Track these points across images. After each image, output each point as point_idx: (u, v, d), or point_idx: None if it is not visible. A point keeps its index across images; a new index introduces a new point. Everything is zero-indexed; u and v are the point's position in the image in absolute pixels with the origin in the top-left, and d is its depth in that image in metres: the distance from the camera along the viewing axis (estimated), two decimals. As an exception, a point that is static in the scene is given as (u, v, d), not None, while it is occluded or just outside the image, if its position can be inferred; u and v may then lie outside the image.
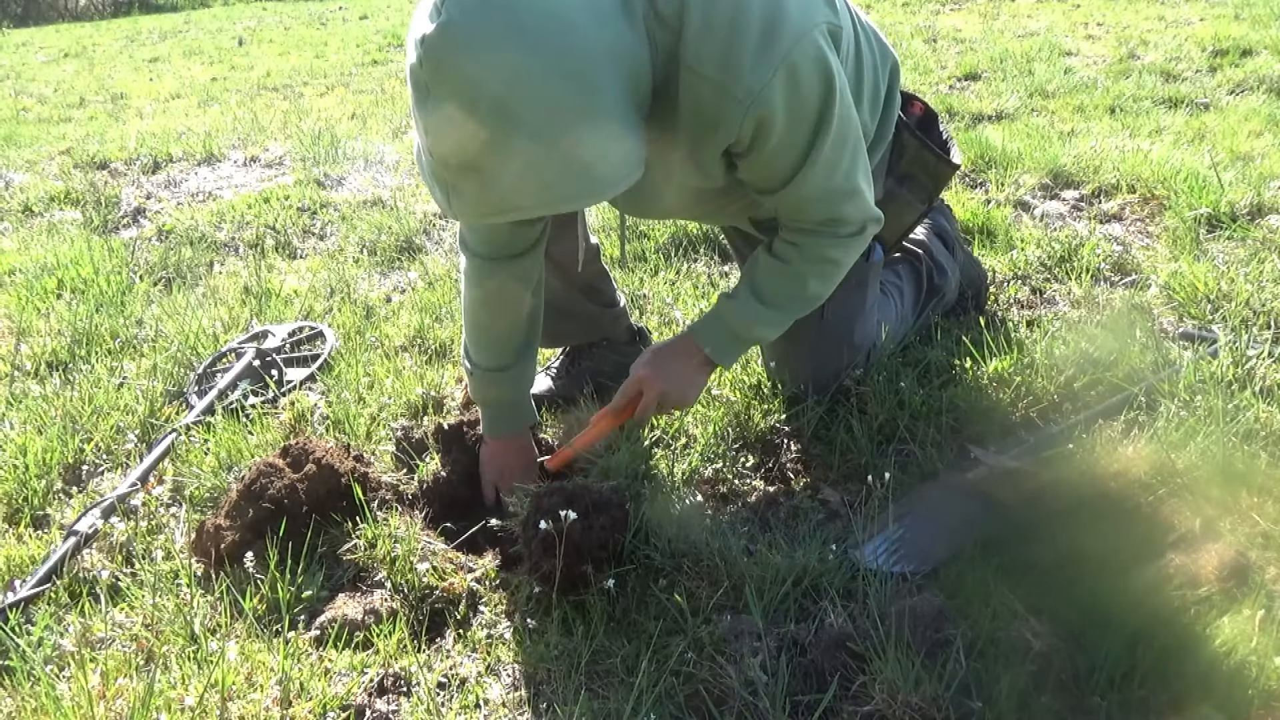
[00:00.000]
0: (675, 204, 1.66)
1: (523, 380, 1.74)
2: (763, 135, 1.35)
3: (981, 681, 1.19)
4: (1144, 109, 3.70)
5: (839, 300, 1.78)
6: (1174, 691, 1.17)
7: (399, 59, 7.47)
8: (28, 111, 6.32)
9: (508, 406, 1.72)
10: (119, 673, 1.33)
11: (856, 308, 1.83)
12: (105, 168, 4.40)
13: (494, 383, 1.70)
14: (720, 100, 1.30)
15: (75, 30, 12.76)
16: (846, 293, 1.81)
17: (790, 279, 1.57)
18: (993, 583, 1.33)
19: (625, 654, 1.32)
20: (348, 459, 1.67)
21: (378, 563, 1.52)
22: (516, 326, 1.70)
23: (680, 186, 1.54)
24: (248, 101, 5.98)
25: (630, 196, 1.43)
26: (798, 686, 1.23)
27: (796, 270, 1.56)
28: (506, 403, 1.72)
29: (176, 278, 2.93)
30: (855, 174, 1.48)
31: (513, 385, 1.72)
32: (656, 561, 1.46)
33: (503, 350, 1.70)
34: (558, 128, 1.15)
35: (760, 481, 1.69)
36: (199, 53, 8.89)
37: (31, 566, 1.60)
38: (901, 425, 1.74)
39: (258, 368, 2.19)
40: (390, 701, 1.29)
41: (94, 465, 1.93)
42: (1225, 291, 2.11)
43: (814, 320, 1.75)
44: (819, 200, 1.48)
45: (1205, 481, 1.48)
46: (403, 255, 3.00)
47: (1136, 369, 1.78)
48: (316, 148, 4.28)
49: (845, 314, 1.81)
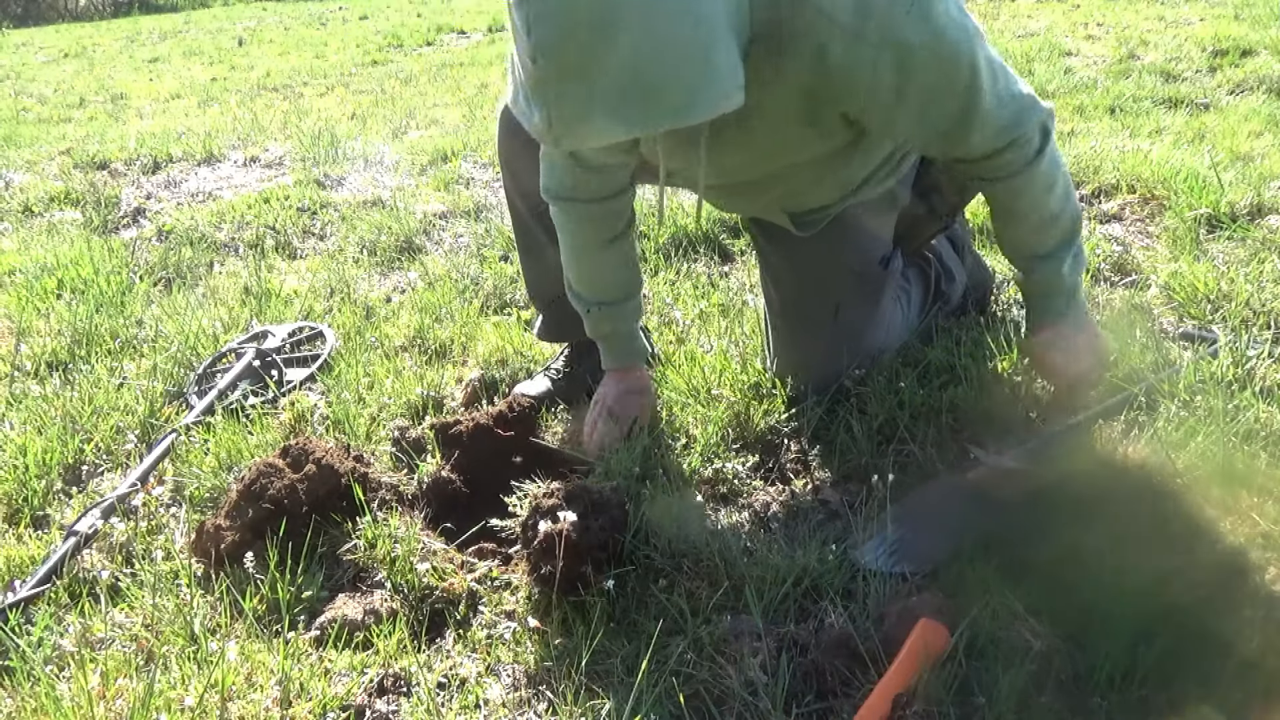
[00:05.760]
0: (769, 165, 1.63)
1: (635, 313, 1.83)
2: (904, 75, 1.35)
3: (982, 681, 1.19)
4: (1144, 109, 3.70)
5: (854, 304, 1.79)
6: (1174, 691, 1.17)
7: (399, 59, 7.47)
8: (28, 112, 6.32)
9: (625, 338, 1.80)
10: (119, 673, 1.33)
11: (870, 312, 1.84)
12: (105, 168, 4.40)
13: (609, 317, 1.78)
14: (852, 46, 1.31)
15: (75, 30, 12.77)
16: (863, 297, 1.82)
17: (1032, 223, 1.59)
18: (993, 583, 1.33)
19: (625, 654, 1.32)
20: (348, 459, 1.67)
21: (378, 563, 1.52)
22: (620, 264, 1.77)
23: (784, 144, 1.54)
24: (248, 102, 5.98)
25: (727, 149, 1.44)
26: (798, 687, 1.23)
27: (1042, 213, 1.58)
28: (624, 334, 1.80)
29: (176, 278, 2.93)
30: (1012, 84, 1.48)
31: (628, 317, 1.80)
32: (656, 561, 1.46)
33: (610, 286, 1.76)
34: (661, 21, 1.13)
35: (760, 481, 1.69)
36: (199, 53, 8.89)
37: (31, 566, 1.60)
38: (901, 425, 1.74)
39: (258, 368, 2.19)
40: (390, 702, 1.29)
41: (94, 465, 1.93)
42: (1225, 291, 2.11)
43: (827, 321, 1.76)
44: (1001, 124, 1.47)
45: (1205, 481, 1.48)
46: (403, 255, 3.00)
47: (1136, 369, 1.78)
48: (316, 148, 4.28)
49: (858, 317, 1.82)
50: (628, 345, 1.82)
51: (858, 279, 1.82)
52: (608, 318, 1.79)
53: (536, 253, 1.95)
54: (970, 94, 1.41)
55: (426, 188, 3.68)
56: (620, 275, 1.78)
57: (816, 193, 1.74)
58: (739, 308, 2.28)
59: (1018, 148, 1.50)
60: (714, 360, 1.96)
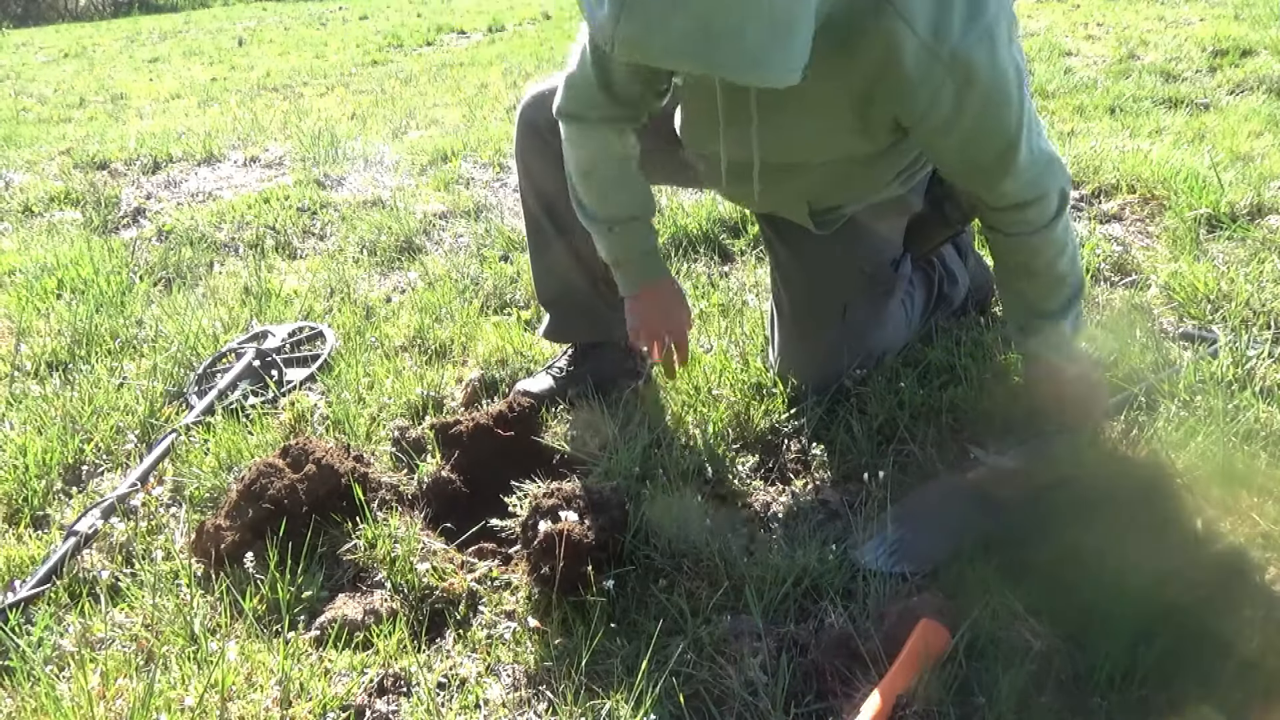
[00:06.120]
0: (806, 155, 1.63)
1: (654, 232, 1.76)
2: (965, 99, 1.36)
3: (982, 681, 1.19)
4: (1144, 109, 3.70)
5: (862, 305, 1.79)
6: (1174, 691, 1.17)
7: (399, 59, 7.47)
8: (28, 111, 6.32)
9: (650, 254, 1.75)
10: (119, 673, 1.33)
11: (877, 313, 1.84)
12: (105, 168, 4.40)
13: (632, 232, 1.72)
14: (925, 58, 1.31)
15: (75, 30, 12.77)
16: (871, 299, 1.82)
17: (1041, 281, 1.61)
18: (993, 583, 1.33)
19: (625, 654, 1.32)
20: (348, 459, 1.67)
21: (378, 563, 1.52)
22: (633, 180, 1.72)
23: (827, 140, 1.54)
24: (248, 102, 5.98)
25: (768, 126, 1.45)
26: (798, 687, 1.23)
27: (1052, 273, 1.59)
28: (647, 250, 1.74)
29: (176, 278, 2.93)
30: (1043, 140, 1.50)
31: (648, 235, 1.75)
32: (656, 562, 1.46)
33: (625, 203, 1.71)
34: None
35: (760, 481, 1.69)
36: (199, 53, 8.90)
37: (31, 566, 1.60)
38: (901, 425, 1.74)
39: (258, 368, 2.19)
40: (390, 702, 1.29)
41: (94, 465, 1.93)
42: (1225, 291, 2.11)
43: (834, 321, 1.75)
44: (1031, 176, 1.48)
45: (1205, 481, 1.48)
46: (403, 255, 2.99)
47: (1136, 369, 1.78)
48: (316, 148, 4.28)
49: (865, 319, 1.82)
50: (652, 261, 1.76)
51: (868, 281, 1.83)
52: (626, 234, 1.72)
53: (545, 249, 1.95)
54: (1013, 139, 1.43)
55: (426, 188, 3.68)
56: (635, 190, 1.73)
57: (843, 190, 1.74)
58: (739, 308, 2.28)
59: (1039, 206, 1.52)
60: (714, 360, 1.97)
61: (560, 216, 1.85)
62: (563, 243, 1.88)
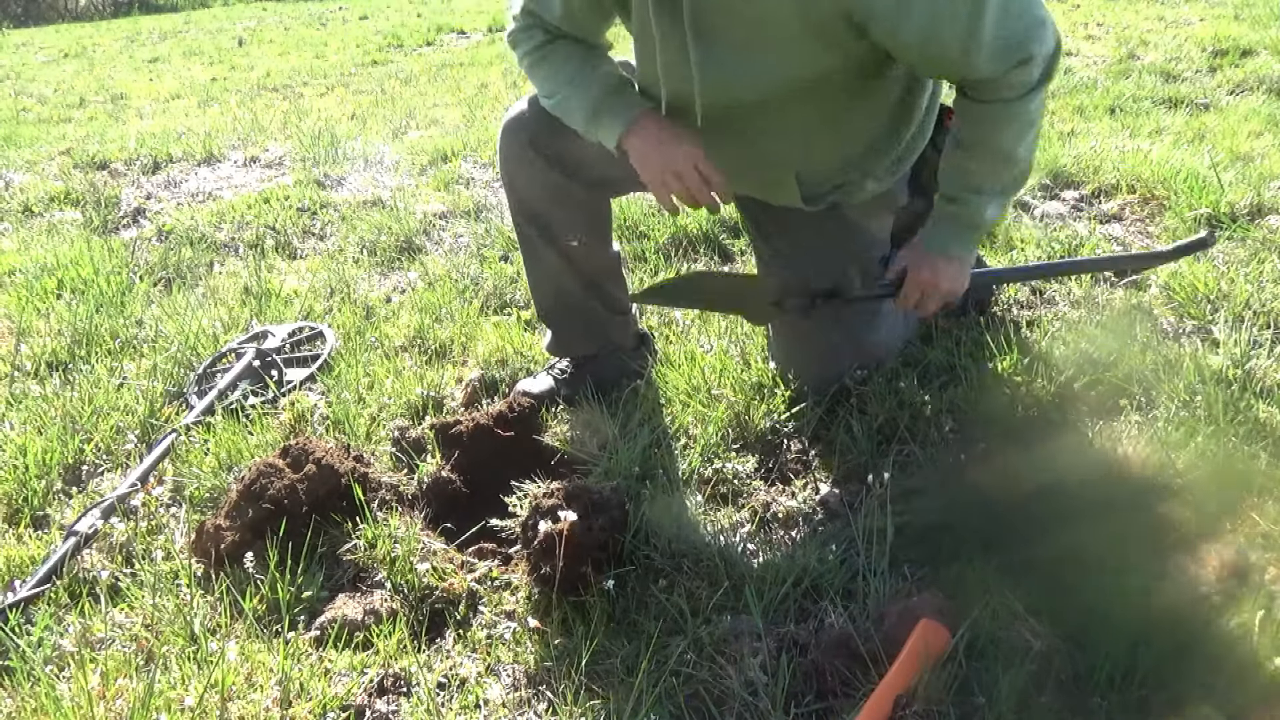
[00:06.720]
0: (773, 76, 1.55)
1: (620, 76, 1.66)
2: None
3: (982, 681, 1.19)
4: (1144, 109, 3.70)
5: (856, 305, 1.78)
6: (1174, 691, 1.17)
7: (399, 59, 7.47)
8: (28, 111, 6.32)
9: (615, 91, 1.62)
10: (119, 673, 1.33)
11: (872, 314, 1.83)
12: (105, 168, 4.40)
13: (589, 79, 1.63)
14: None
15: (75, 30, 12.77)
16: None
17: (994, 159, 1.58)
18: (993, 583, 1.33)
19: (625, 654, 1.32)
20: (348, 459, 1.67)
21: (378, 563, 1.52)
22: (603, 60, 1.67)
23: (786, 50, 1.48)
24: (248, 102, 5.98)
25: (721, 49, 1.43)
26: (798, 687, 1.23)
27: (1005, 152, 1.56)
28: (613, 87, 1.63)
29: (176, 278, 2.93)
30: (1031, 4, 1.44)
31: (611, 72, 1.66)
32: (656, 562, 1.46)
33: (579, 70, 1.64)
34: None
35: (760, 481, 1.69)
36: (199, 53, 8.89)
37: (31, 566, 1.60)
38: (901, 425, 1.74)
39: (258, 368, 2.19)
40: (390, 702, 1.29)
41: (94, 465, 1.93)
42: (1225, 291, 2.11)
43: (829, 321, 1.75)
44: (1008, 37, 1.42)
45: (1205, 481, 1.48)
46: (403, 255, 2.99)
47: (1136, 369, 1.78)
48: (316, 148, 4.28)
49: (860, 319, 1.81)
50: (620, 99, 1.61)
51: (859, 279, 1.82)
52: (584, 82, 1.62)
53: (536, 261, 1.95)
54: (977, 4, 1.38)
55: (426, 188, 3.68)
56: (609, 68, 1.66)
57: (829, 152, 1.71)
58: (739, 308, 2.28)
59: (1022, 71, 1.46)
60: (714, 360, 1.97)
61: (547, 226, 1.86)
62: (553, 251, 1.88)
